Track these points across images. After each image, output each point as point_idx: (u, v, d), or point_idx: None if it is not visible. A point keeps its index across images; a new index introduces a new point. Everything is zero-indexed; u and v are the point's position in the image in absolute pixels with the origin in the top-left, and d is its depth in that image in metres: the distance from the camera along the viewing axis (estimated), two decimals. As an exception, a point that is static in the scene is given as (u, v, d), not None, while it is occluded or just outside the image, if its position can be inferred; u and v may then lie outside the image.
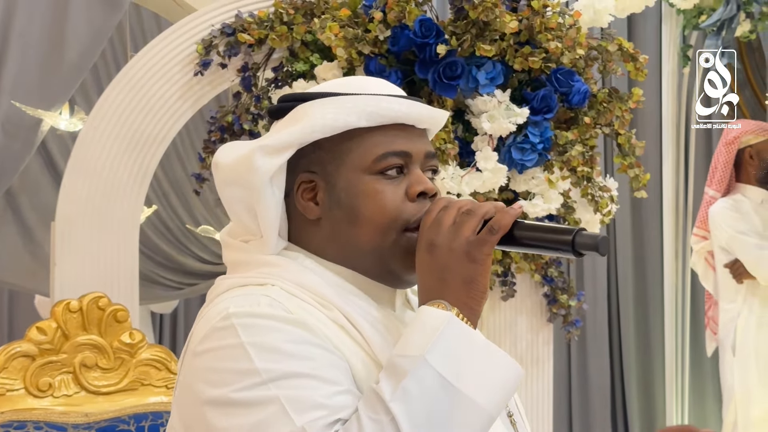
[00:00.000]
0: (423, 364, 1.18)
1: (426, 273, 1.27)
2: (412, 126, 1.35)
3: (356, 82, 1.39)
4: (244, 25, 3.00)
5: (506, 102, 2.72)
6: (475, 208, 1.27)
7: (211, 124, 3.15)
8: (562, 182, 2.81)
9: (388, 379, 1.18)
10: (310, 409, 1.16)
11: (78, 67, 3.42)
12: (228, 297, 1.29)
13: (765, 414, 4.26)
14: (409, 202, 1.32)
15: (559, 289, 3.07)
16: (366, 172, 1.32)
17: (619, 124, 2.92)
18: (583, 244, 1.23)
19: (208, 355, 1.23)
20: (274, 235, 1.33)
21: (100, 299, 2.15)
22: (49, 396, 2.08)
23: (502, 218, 1.25)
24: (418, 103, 1.36)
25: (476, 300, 1.25)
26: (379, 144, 1.32)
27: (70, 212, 2.94)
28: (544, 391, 3.11)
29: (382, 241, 1.31)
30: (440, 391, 1.17)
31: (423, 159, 1.35)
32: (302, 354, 1.21)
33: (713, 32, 4.73)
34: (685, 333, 5.11)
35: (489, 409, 1.19)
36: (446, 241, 1.25)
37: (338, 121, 1.31)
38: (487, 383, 1.19)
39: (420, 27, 2.70)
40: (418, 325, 1.22)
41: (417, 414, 1.15)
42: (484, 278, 1.26)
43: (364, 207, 1.31)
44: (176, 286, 5.42)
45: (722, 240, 4.34)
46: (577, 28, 2.82)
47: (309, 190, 1.34)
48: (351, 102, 1.32)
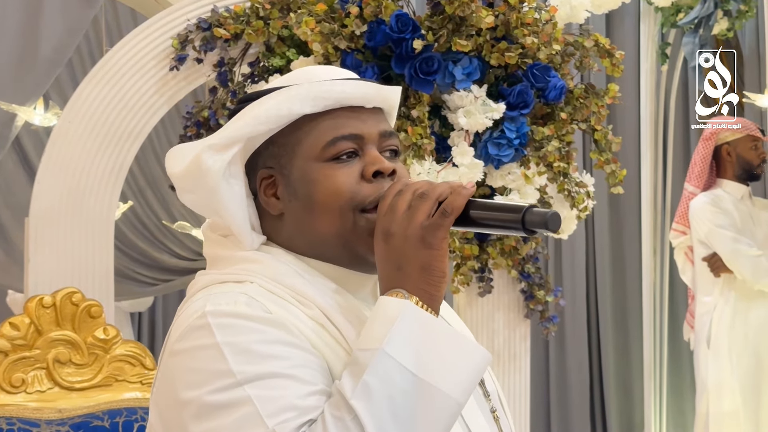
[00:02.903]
0: (382, 355, 1.16)
1: (383, 262, 1.25)
2: (361, 107, 1.33)
3: (303, 74, 1.38)
4: (220, 19, 2.99)
5: (483, 97, 2.72)
6: (429, 191, 1.24)
7: (187, 119, 3.13)
8: (538, 178, 2.81)
9: (350, 375, 1.16)
10: (282, 411, 1.15)
11: (53, 62, 3.39)
12: (205, 294, 1.27)
13: (736, 407, 4.29)
14: (365, 183, 1.30)
15: (536, 285, 3.07)
16: (317, 160, 1.30)
17: (596, 120, 2.92)
18: (533, 222, 1.20)
19: (184, 354, 1.23)
20: (246, 232, 1.32)
21: (73, 295, 2.14)
22: (22, 392, 2.07)
23: (455, 200, 1.23)
24: (362, 82, 1.33)
25: (435, 286, 1.23)
26: (327, 130, 1.31)
27: (44, 208, 2.91)
28: (521, 386, 3.11)
29: (341, 224, 1.29)
30: (402, 382, 1.15)
31: (378, 139, 1.33)
32: (278, 354, 1.19)
33: (691, 30, 4.75)
34: (663, 328, 5.14)
35: (455, 397, 1.16)
36: (401, 229, 1.23)
37: (281, 110, 1.30)
38: (451, 370, 1.17)
39: (396, 22, 2.69)
40: (377, 317, 1.20)
41: (379, 409, 1.13)
42: (441, 263, 1.23)
43: (317, 193, 1.29)
44: (152, 282, 5.40)
45: (701, 233, 4.39)
46: (553, 24, 2.82)
47: (270, 186, 1.34)
48: (294, 91, 1.31)
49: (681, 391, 5.32)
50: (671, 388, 5.17)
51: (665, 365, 5.09)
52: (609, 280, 5.61)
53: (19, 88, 3.42)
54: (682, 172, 5.24)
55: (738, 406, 4.28)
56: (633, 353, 5.50)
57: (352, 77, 1.35)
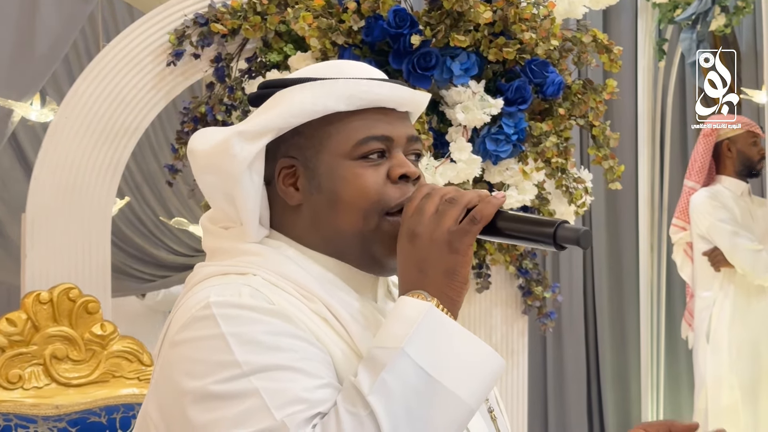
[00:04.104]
0: (402, 355, 1.15)
1: (406, 263, 1.25)
2: (393, 109, 1.33)
3: (336, 67, 1.37)
4: (217, 15, 2.98)
5: (480, 93, 2.72)
6: (458, 197, 1.24)
7: (184, 114, 3.13)
8: (536, 173, 2.81)
9: (367, 372, 1.16)
10: (290, 403, 1.15)
11: (49, 57, 3.38)
12: (208, 285, 1.26)
13: (735, 401, 4.30)
14: (390, 185, 1.30)
15: (533, 281, 3.08)
16: (346, 158, 1.30)
17: (594, 116, 2.92)
18: (565, 237, 1.21)
19: (187, 345, 1.21)
20: (255, 223, 1.31)
21: (70, 290, 2.13)
22: (19, 388, 2.06)
23: (485, 208, 1.23)
24: (398, 85, 1.34)
25: (457, 291, 1.23)
26: (359, 128, 1.30)
27: (41, 203, 2.91)
28: (519, 382, 3.11)
29: (364, 225, 1.29)
30: (419, 383, 1.15)
31: (405, 143, 1.33)
32: (283, 346, 1.19)
33: (688, 26, 4.75)
34: (660, 324, 5.14)
35: (469, 402, 1.17)
36: (427, 231, 1.23)
37: (317, 105, 1.29)
38: (467, 375, 1.17)
39: (394, 17, 2.69)
40: (398, 316, 1.20)
41: (396, 407, 1.13)
42: (465, 269, 1.23)
43: (344, 191, 1.29)
44: (148, 279, 5.39)
45: (702, 228, 4.40)
46: (551, 19, 2.82)
47: (290, 176, 1.32)
48: (330, 86, 1.30)
49: (678, 386, 5.33)
50: (668, 383, 5.18)
51: (662, 361, 5.10)
52: (606, 276, 5.61)
53: (16, 83, 3.41)
54: (679, 168, 5.24)
55: (736, 400, 4.29)
56: (630, 349, 5.51)
57: (384, 78, 1.35)
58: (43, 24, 3.34)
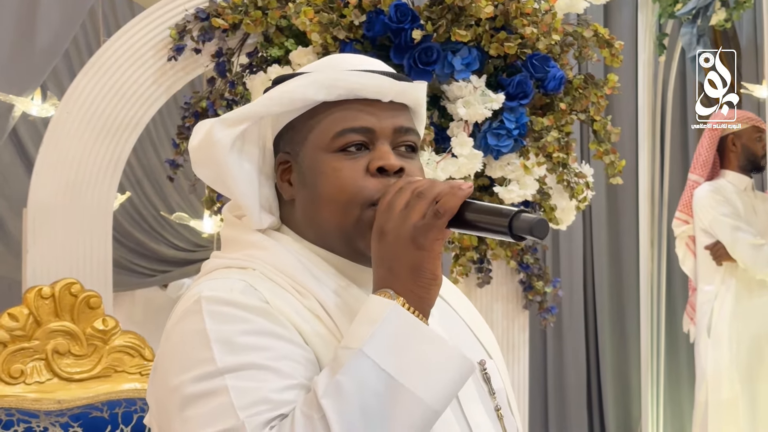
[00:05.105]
0: (360, 356, 1.13)
1: (376, 261, 1.22)
2: (378, 101, 1.30)
3: (330, 61, 1.37)
4: (218, 9, 2.98)
5: (482, 88, 2.72)
6: (427, 190, 1.20)
7: (185, 110, 3.12)
8: (537, 168, 2.80)
9: (326, 373, 1.14)
10: (255, 404, 1.14)
11: (50, 53, 3.38)
12: (207, 279, 1.28)
13: (735, 395, 4.31)
14: (370, 177, 1.27)
15: (534, 276, 3.08)
16: (326, 150, 1.29)
17: (595, 111, 2.92)
18: (519, 227, 1.15)
19: (176, 337, 1.23)
20: (255, 209, 1.32)
21: (72, 285, 2.13)
22: (21, 383, 2.06)
23: (449, 200, 1.18)
24: (381, 75, 1.30)
25: (425, 288, 1.19)
26: (338, 120, 1.29)
27: (42, 199, 2.91)
28: (520, 377, 3.11)
29: (344, 219, 1.27)
30: (379, 384, 1.11)
31: (392, 134, 1.30)
32: (261, 345, 1.18)
33: (689, 21, 4.74)
34: (661, 319, 5.14)
35: (432, 404, 1.13)
36: (394, 227, 1.19)
37: (296, 94, 1.29)
38: (430, 376, 1.13)
39: (395, 12, 2.68)
40: (363, 316, 1.18)
41: (350, 410, 1.10)
42: (432, 264, 1.19)
43: (322, 186, 1.28)
44: (150, 274, 5.39)
45: (705, 222, 4.42)
46: (552, 14, 2.82)
47: (286, 171, 1.33)
48: (314, 76, 1.29)
49: (678, 381, 5.33)
50: (668, 378, 5.18)
51: (662, 356, 5.09)
52: (606, 271, 5.62)
53: (16, 78, 3.41)
54: (679, 162, 5.24)
55: (736, 394, 4.30)
56: (630, 344, 5.51)
57: (377, 69, 1.32)
58: (43, 19, 3.34)
